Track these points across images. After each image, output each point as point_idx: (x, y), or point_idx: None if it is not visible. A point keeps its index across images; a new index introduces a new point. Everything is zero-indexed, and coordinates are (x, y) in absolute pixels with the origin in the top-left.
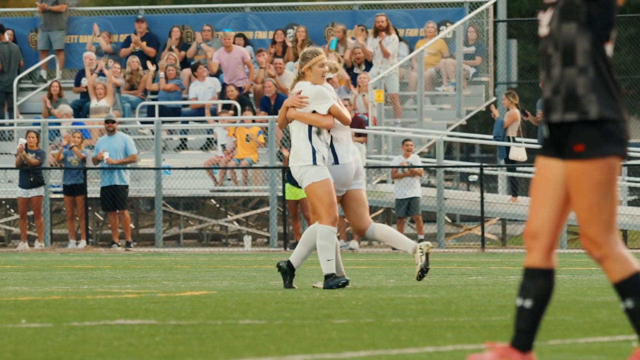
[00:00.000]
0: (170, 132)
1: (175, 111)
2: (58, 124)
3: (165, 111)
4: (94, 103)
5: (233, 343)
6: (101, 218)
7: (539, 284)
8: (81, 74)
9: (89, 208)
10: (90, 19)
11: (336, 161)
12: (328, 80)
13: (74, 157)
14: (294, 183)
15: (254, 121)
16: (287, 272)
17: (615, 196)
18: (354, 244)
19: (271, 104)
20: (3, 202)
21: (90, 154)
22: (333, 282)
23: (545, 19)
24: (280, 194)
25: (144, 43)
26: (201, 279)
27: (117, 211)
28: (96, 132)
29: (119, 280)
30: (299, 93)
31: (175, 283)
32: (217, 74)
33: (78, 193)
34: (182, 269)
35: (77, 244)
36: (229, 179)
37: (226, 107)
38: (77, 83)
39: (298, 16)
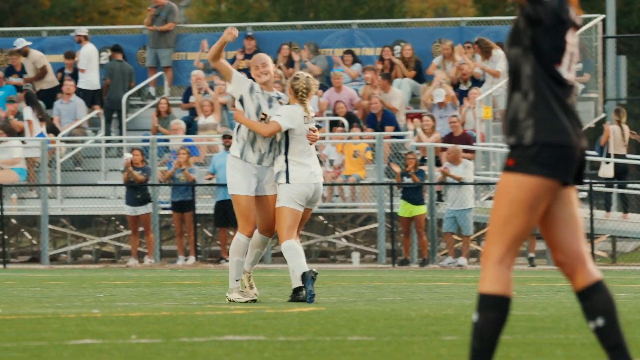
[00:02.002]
0: None
1: None
2: (166, 140)
3: None
4: (201, 120)
5: (342, 359)
6: (210, 234)
7: (597, 299)
8: (189, 91)
9: (198, 224)
10: (198, 37)
11: None
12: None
13: (182, 174)
14: (410, 200)
15: (361, 137)
16: (299, 289)
17: (526, 218)
18: (462, 260)
19: (377, 120)
20: (112, 218)
21: (199, 171)
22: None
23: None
24: (388, 210)
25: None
26: None
27: (230, 231)
28: (204, 149)
29: None
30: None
31: (284, 299)
32: None
33: (186, 209)
34: (290, 285)
35: (186, 260)
36: (337, 196)
37: (334, 123)
38: (186, 100)
39: (405, 33)
